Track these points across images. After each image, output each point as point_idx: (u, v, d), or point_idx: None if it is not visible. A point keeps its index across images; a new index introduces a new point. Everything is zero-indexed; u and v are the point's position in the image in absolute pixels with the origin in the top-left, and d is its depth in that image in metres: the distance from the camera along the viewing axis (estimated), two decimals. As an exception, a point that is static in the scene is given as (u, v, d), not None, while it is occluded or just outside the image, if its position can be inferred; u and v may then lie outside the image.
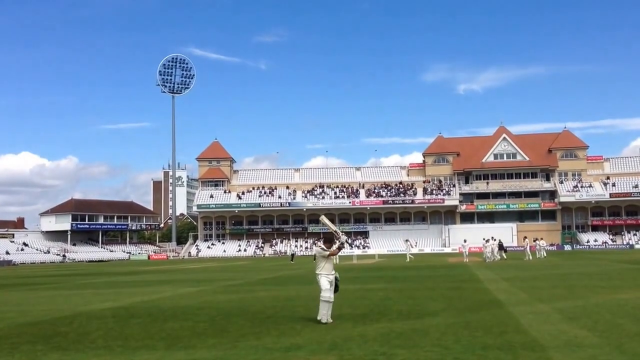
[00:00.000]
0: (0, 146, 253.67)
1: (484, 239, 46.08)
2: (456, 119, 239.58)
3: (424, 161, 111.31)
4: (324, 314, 10.91)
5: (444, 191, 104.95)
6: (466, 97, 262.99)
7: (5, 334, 10.97)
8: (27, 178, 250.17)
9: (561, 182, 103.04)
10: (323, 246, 11.16)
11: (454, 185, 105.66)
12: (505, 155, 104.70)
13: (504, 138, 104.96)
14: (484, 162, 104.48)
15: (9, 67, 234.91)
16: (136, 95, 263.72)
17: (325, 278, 10.85)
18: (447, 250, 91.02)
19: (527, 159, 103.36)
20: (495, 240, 47.97)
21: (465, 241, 47.53)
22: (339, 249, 11.07)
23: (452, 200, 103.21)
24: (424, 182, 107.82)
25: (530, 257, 45.55)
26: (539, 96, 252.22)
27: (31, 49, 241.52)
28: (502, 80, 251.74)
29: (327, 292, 10.79)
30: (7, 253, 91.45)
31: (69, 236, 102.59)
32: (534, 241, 51.76)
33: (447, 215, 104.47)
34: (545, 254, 49.49)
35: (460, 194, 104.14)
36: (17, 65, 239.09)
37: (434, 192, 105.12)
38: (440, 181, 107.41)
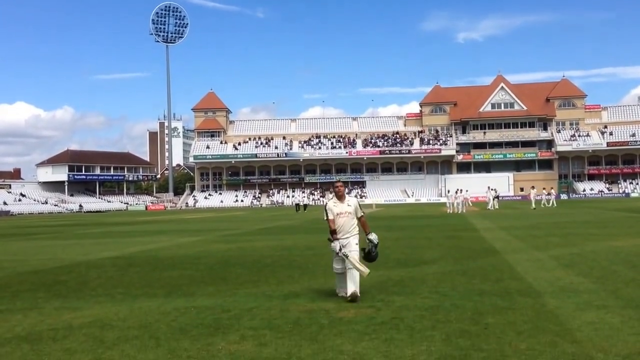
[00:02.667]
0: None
1: (489, 187, 45.98)
2: (455, 68, 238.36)
3: (421, 111, 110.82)
4: (340, 287, 8.35)
5: (441, 141, 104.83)
6: (466, 46, 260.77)
7: (6, 283, 11.06)
8: (22, 129, 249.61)
9: (558, 132, 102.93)
10: (336, 200, 8.38)
11: (450, 135, 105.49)
12: (502, 105, 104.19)
13: (502, 87, 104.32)
14: (481, 111, 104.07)
15: (3, 15, 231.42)
16: (132, 45, 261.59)
17: (337, 242, 8.10)
18: (444, 200, 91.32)
19: (525, 108, 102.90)
20: (494, 190, 48.41)
21: (449, 192, 46.96)
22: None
23: (449, 150, 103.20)
24: (421, 132, 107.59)
25: (534, 206, 45.50)
26: (539, 45, 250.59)
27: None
28: (503, 28, 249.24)
29: (337, 261, 8.22)
30: (5, 204, 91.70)
31: (66, 187, 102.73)
32: (543, 191, 51.37)
33: (443, 165, 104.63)
34: (555, 203, 49.32)
35: (457, 143, 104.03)
36: (12, 13, 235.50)
37: (431, 142, 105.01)
38: (437, 131, 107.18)
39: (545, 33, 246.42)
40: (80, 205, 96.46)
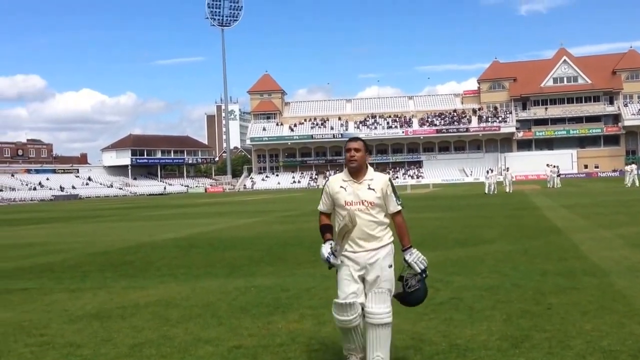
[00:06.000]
0: (61, 84, 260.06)
1: (548, 165, 44.35)
2: (516, 43, 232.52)
3: (478, 88, 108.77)
4: (351, 349, 4.47)
5: (500, 118, 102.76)
6: (528, 18, 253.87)
7: (76, 263, 11.49)
8: (88, 115, 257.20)
9: (625, 105, 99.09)
10: (347, 177, 4.45)
11: (510, 112, 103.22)
12: (565, 79, 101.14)
13: (565, 61, 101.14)
14: (542, 86, 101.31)
15: (68, 6, 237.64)
16: (189, 29, 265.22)
17: (348, 265, 4.34)
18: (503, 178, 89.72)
19: (589, 82, 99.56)
20: (555, 167, 47.19)
21: (488, 172, 43.58)
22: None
23: (509, 127, 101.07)
24: (479, 109, 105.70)
25: (629, 184, 40.88)
26: (604, 15, 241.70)
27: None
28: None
29: (342, 292, 4.32)
30: (74, 187, 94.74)
31: (129, 170, 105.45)
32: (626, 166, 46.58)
33: (503, 143, 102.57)
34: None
35: (517, 120, 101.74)
36: (75, 3, 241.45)
37: (490, 119, 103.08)
38: (495, 108, 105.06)
39: (611, 1, 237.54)
40: (165, 188, 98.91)
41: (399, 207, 4.46)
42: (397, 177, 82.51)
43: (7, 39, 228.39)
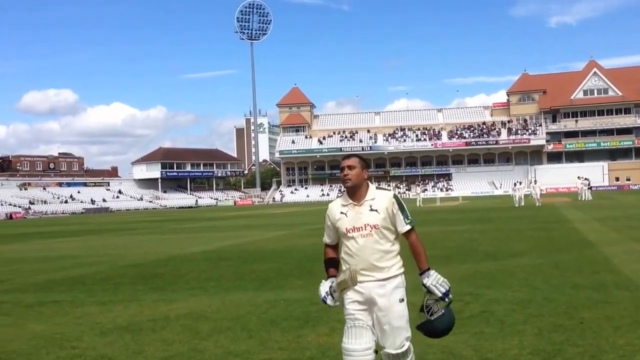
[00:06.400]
0: (93, 98, 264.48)
1: (579, 177, 44.01)
2: (545, 55, 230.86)
3: (508, 100, 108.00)
4: None
5: (530, 130, 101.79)
6: (558, 30, 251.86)
7: (108, 275, 11.64)
8: (119, 128, 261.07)
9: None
10: (346, 200, 3.97)
11: (540, 125, 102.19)
12: (595, 91, 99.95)
13: (595, 73, 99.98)
14: (572, 99, 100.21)
15: (99, 20, 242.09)
16: (218, 43, 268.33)
17: (353, 296, 3.85)
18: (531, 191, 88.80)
19: (620, 94, 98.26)
20: (586, 179, 46.59)
21: (516, 184, 42.70)
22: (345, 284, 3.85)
23: (539, 139, 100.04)
24: (509, 121, 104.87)
25: None
26: (634, 26, 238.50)
27: (116, 1, 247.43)
28: (597, 10, 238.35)
29: (353, 344, 3.79)
30: (104, 200, 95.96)
31: (159, 183, 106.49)
32: None
33: (533, 156, 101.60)
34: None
35: (547, 133, 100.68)
36: (106, 18, 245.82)
37: (519, 131, 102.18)
38: (525, 120, 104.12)
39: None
40: (196, 201, 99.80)
41: (409, 226, 3.87)
42: (426, 190, 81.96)
43: (40, 54, 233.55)
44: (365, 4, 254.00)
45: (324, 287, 4.05)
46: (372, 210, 3.83)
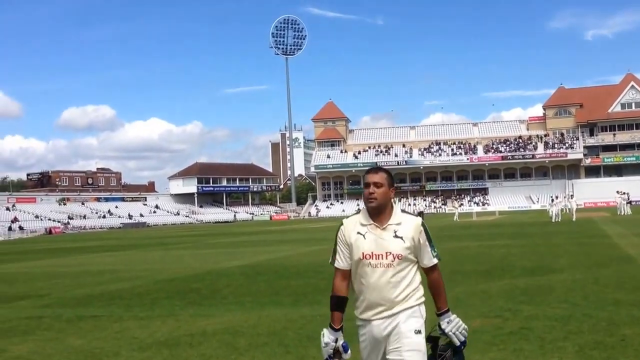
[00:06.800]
0: (130, 113, 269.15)
1: (618, 192, 43.12)
2: (582, 68, 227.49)
3: (544, 114, 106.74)
4: None
5: (567, 144, 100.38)
6: (594, 43, 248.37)
7: (145, 290, 11.78)
8: (156, 143, 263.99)
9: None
10: (366, 219, 3.44)
11: (577, 138, 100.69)
12: (633, 104, 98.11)
13: (632, 86, 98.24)
14: (610, 112, 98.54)
15: (136, 37, 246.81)
16: (253, 58, 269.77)
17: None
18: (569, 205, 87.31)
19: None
20: (625, 194, 45.72)
21: (553, 199, 42.66)
22: None
23: (576, 153, 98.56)
24: (545, 135, 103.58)
25: None
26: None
27: (153, 18, 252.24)
28: (635, 23, 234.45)
29: None
30: (141, 215, 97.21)
31: (195, 198, 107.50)
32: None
33: (570, 170, 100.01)
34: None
35: (585, 146, 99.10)
36: (142, 35, 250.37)
37: (556, 145, 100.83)
38: (562, 134, 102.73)
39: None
40: (235, 215, 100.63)
41: (435, 260, 3.43)
42: (462, 205, 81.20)
43: (79, 71, 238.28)
44: (400, 18, 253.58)
45: (328, 342, 3.59)
46: (396, 237, 3.33)
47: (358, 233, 3.40)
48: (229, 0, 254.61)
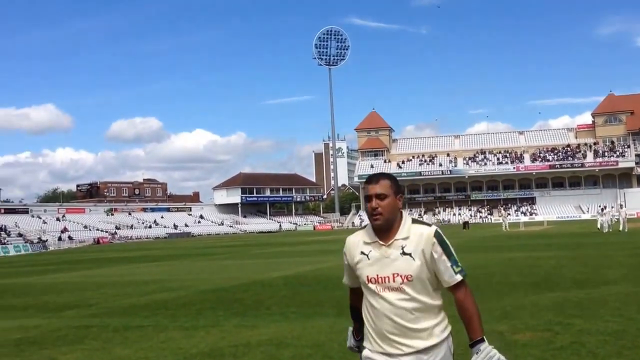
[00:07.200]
0: (176, 125, 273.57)
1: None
2: (631, 75, 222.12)
3: (593, 122, 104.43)
4: None
5: (617, 153, 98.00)
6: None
7: (190, 300, 11.84)
8: (201, 154, 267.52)
9: None
10: (370, 236, 2.97)
11: (628, 146, 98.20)
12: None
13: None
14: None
15: (181, 50, 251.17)
16: (297, 69, 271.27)
17: None
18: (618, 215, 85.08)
19: None
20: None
21: (603, 209, 41.64)
22: None
23: (627, 162, 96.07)
24: (594, 143, 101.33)
25: None
26: None
27: (198, 33, 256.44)
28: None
29: None
30: (186, 225, 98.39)
31: (239, 208, 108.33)
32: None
33: (621, 179, 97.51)
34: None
35: (636, 155, 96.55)
36: (187, 48, 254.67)
37: (606, 154, 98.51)
38: (612, 142, 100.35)
39: None
40: (280, 225, 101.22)
41: (459, 277, 2.84)
42: (509, 214, 79.81)
43: (127, 84, 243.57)
44: (444, 27, 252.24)
45: (352, 348, 3.19)
46: (404, 254, 2.79)
47: (362, 253, 2.91)
48: (273, 13, 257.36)
